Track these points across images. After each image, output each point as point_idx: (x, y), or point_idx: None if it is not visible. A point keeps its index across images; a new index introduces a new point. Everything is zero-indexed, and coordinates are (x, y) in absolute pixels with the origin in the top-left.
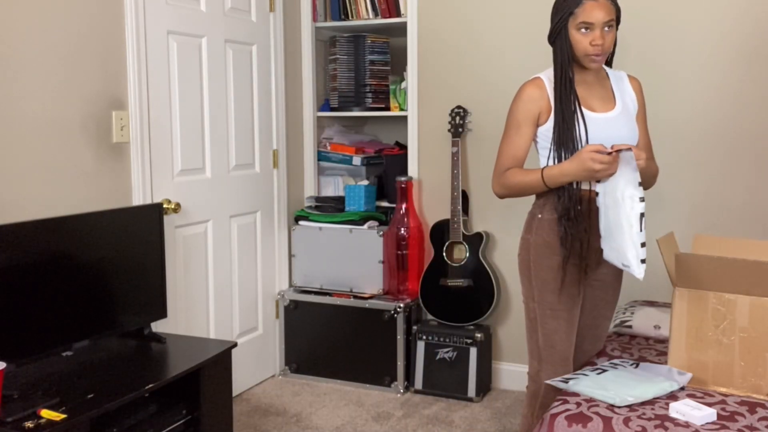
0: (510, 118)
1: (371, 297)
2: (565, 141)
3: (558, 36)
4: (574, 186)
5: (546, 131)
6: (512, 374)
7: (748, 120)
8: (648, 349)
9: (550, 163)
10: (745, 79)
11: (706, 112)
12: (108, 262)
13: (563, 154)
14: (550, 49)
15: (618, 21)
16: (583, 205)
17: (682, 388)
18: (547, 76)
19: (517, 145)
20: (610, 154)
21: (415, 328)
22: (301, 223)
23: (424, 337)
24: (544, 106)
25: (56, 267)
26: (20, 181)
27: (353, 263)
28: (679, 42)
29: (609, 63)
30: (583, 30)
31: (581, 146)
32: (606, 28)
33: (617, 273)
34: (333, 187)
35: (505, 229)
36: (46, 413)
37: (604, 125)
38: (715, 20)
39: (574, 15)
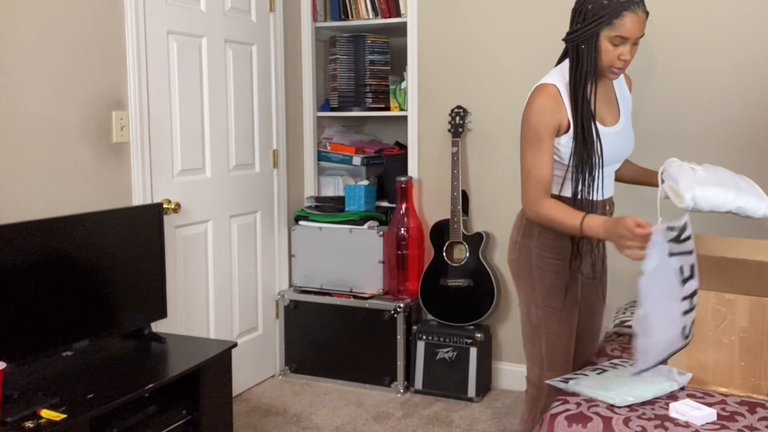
0: (530, 132)
1: (371, 297)
2: (584, 158)
3: (586, 42)
4: (591, 197)
5: (564, 145)
6: (512, 374)
7: (750, 120)
8: None
9: (569, 177)
10: (748, 81)
11: (707, 112)
12: (108, 262)
13: (581, 172)
14: (550, 49)
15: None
16: (596, 211)
17: (682, 388)
18: (563, 83)
19: (545, 162)
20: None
21: (415, 328)
22: (301, 223)
23: (424, 337)
24: (562, 117)
25: (56, 267)
26: (20, 181)
27: (353, 263)
28: (684, 42)
29: None
30: (615, 43)
31: (597, 162)
32: (635, 43)
33: (603, 267)
34: (333, 187)
35: (506, 229)
36: (46, 413)
37: (613, 140)
38: (720, 26)
39: (612, 26)
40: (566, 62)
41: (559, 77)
